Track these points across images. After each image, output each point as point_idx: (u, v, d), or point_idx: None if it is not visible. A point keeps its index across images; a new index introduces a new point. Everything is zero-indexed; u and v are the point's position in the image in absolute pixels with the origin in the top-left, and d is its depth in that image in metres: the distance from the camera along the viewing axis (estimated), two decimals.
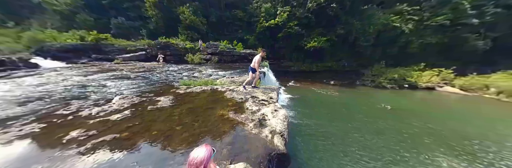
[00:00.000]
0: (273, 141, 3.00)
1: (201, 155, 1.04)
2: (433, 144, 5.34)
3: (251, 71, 4.54)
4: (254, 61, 4.56)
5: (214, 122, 3.28)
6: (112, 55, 13.07)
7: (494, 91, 12.20)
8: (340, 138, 5.47)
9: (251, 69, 4.64)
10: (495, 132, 6.42)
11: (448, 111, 8.87)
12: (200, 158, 1.03)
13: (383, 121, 6.90)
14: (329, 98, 10.23)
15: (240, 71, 9.91)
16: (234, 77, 7.83)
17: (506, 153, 5.02)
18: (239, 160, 2.30)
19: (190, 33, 18.27)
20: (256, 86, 5.10)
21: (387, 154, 4.64)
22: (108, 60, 12.16)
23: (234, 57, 15.02)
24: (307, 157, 4.43)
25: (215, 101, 4.39)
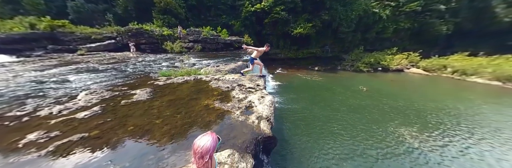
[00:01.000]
0: (259, 126, 2.96)
1: (207, 144, 0.95)
2: (397, 117, 6.06)
3: (250, 62, 4.32)
4: (255, 52, 4.31)
5: (198, 113, 3.05)
6: (74, 45, 10.82)
7: (450, 71, 13.74)
8: (322, 119, 5.85)
9: (251, 59, 4.42)
10: (446, 104, 7.55)
11: (411, 90, 9.92)
12: (206, 147, 0.94)
13: (359, 101, 7.50)
14: (313, 83, 10.59)
15: (226, 59, 9.24)
16: (219, 66, 7.29)
17: (452, 121, 6.04)
18: (226, 147, 2.22)
19: (167, 18, 15.67)
20: (244, 74, 4.83)
21: (361, 130, 5.15)
22: (70, 51, 10.09)
23: (219, 44, 13.80)
24: (293, 138, 4.70)
25: (199, 92, 4.04)
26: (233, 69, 7.27)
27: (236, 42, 15.22)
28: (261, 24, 18.36)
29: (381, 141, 4.58)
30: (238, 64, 8.09)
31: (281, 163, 3.71)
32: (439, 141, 4.76)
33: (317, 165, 3.74)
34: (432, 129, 5.31)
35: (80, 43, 10.99)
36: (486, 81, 11.85)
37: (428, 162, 3.92)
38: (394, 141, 4.65)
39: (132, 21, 13.04)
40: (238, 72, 7.54)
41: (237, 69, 7.49)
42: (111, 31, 12.21)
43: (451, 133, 5.21)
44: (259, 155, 2.60)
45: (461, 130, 5.40)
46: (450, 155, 4.19)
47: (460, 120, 6.08)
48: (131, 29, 11.79)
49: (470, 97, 8.69)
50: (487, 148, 4.54)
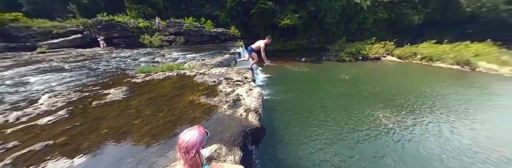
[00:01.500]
0: (247, 118, 2.88)
1: (193, 138, 0.88)
2: (374, 102, 6.56)
3: (248, 52, 3.90)
4: (256, 45, 4.11)
5: (182, 110, 2.83)
6: (31, 42, 9.13)
7: (419, 58, 15.00)
8: (309, 107, 6.05)
9: (250, 50, 4.10)
10: (414, 88, 8.38)
11: (386, 76, 10.72)
12: (192, 142, 0.87)
13: (342, 89, 7.92)
14: (301, 74, 10.74)
15: (212, 52, 8.66)
16: (205, 60, 6.81)
17: (418, 102, 6.78)
18: (213, 142, 2.12)
19: (142, 7, 13.68)
20: (236, 63, 4.55)
21: (343, 115, 5.48)
22: (28, 49, 8.53)
23: (204, 37, 12.79)
24: (282, 127, 4.79)
25: (183, 87, 3.74)
26: (220, 62, 6.87)
27: (222, 34, 14.26)
28: (248, 15, 17.18)
29: (361, 124, 4.92)
30: (225, 57, 7.66)
31: (271, 151, 3.82)
32: (408, 120, 5.28)
33: (305, 150, 3.90)
34: (402, 110, 5.89)
35: (39, 40, 9.30)
36: (448, 65, 13.26)
37: (400, 140, 4.33)
38: (371, 123, 5.02)
39: (100, 12, 11.18)
40: (226, 65, 7.18)
41: (225, 63, 7.11)
42: (77, 24, 10.43)
43: (417, 112, 5.81)
44: (248, 147, 2.57)
45: (426, 109, 6.06)
46: (418, 132, 4.67)
47: (425, 101, 6.81)
48: (100, 21, 10.17)
49: (434, 80, 9.68)
50: (445, 123, 5.15)
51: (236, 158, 1.96)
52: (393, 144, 4.10)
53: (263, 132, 3.38)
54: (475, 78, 10.43)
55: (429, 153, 3.89)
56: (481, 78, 10.31)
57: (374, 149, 3.94)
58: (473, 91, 8.09)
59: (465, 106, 6.40)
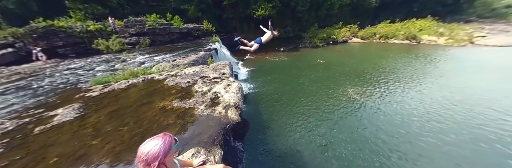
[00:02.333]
0: (227, 115, 2.71)
1: (155, 149, 0.76)
2: (345, 80, 7.12)
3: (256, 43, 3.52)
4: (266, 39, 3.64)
5: (152, 119, 2.49)
6: None
7: (378, 37, 16.64)
8: (291, 94, 6.17)
9: (259, 41, 3.62)
10: (375, 63, 9.25)
11: (353, 56, 11.60)
12: (153, 153, 0.75)
13: (318, 73, 8.23)
14: (281, 64, 10.78)
15: (185, 51, 7.81)
16: (176, 60, 6.11)
17: (379, 75, 7.48)
18: (191, 146, 1.93)
19: (90, 7, 10.99)
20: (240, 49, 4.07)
21: (321, 96, 5.82)
22: None
23: (173, 35, 11.37)
24: (268, 117, 4.78)
25: (151, 94, 3.29)
26: (195, 61, 6.26)
27: (195, 30, 12.87)
28: (220, 7, 15.48)
29: (336, 102, 5.31)
30: (200, 55, 6.99)
31: (258, 142, 3.82)
32: (373, 92, 5.85)
33: (291, 135, 4.01)
34: (368, 85, 6.47)
35: None
36: (400, 41, 15.09)
37: (369, 110, 4.80)
38: (345, 100, 5.45)
39: (35, 18, 8.79)
40: (202, 63, 6.60)
41: (200, 61, 6.51)
42: (4, 36, 8.11)
43: (379, 85, 6.47)
44: (231, 143, 2.45)
45: (386, 81, 6.82)
46: (382, 101, 5.24)
47: (384, 74, 7.64)
48: (36, 28, 7.98)
49: (390, 55, 10.90)
50: (401, 90, 5.91)
51: (216, 158, 1.84)
52: (364, 115, 4.57)
53: (247, 125, 3.30)
54: (420, 49, 11.99)
55: (393, 116, 4.45)
56: (424, 49, 11.87)
57: (350, 122, 4.31)
58: (419, 60, 9.24)
59: (414, 74, 7.45)
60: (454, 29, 14.47)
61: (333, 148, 3.51)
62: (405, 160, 3.13)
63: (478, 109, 4.44)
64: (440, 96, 5.25)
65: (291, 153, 3.46)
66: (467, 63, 8.37)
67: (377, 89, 5.95)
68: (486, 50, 10.74)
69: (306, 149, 3.55)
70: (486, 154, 3.22)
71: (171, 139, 0.83)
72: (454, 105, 4.63)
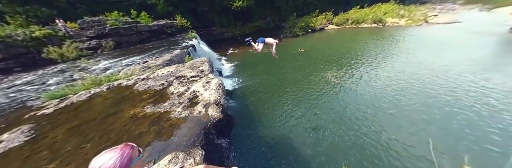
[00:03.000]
0: (207, 113, 2.53)
1: (109, 164, 0.61)
2: (324, 66, 7.42)
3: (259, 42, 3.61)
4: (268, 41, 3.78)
5: (122, 129, 2.20)
6: None
7: (350, 22, 17.30)
8: (277, 84, 6.17)
9: (262, 41, 3.69)
10: (348, 47, 9.81)
11: (330, 43, 12.01)
12: None
13: (300, 62, 8.40)
14: (264, 56, 10.55)
15: (158, 51, 6.99)
16: (147, 61, 5.45)
17: (353, 58, 7.89)
18: (167, 154, 1.76)
19: (32, 9, 8.77)
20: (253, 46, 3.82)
21: (304, 83, 6.02)
22: None
23: (143, 34, 10.02)
24: (255, 109, 4.77)
25: (119, 102, 2.89)
26: (170, 60, 5.66)
27: (168, 27, 11.49)
28: None
29: (319, 87, 5.57)
30: (175, 53, 6.33)
31: (247, 134, 3.82)
32: (349, 74, 6.28)
33: (279, 123, 4.10)
34: (344, 68, 6.91)
35: None
36: (369, 25, 16.12)
37: (347, 91, 5.17)
38: (324, 83, 5.79)
39: None
40: (178, 62, 6.02)
41: (176, 60, 5.91)
42: None
43: (353, 66, 6.95)
44: (214, 140, 2.33)
45: (358, 63, 7.32)
46: (357, 82, 5.62)
47: (357, 56, 8.11)
48: None
49: (361, 38, 11.68)
50: (372, 70, 6.42)
51: (197, 159, 1.72)
52: (343, 96, 4.95)
53: (231, 121, 3.20)
54: (386, 31, 12.99)
55: (366, 94, 4.90)
56: (389, 31, 12.95)
57: (332, 104, 4.62)
58: (385, 41, 10.13)
59: (381, 54, 8.22)
60: (412, 10, 15.95)
61: (319, 130, 3.71)
62: (381, 130, 3.49)
63: (431, 79, 5.14)
64: (402, 71, 5.92)
65: (280, 141, 3.54)
66: (422, 40, 9.51)
67: (351, 71, 6.46)
68: (437, 27, 12.24)
69: (294, 135, 3.67)
70: (442, 114, 3.80)
71: (131, 151, 0.72)
72: (414, 79, 5.26)
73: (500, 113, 3.54)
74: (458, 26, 11.63)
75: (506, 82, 4.48)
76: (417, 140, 3.13)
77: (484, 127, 3.33)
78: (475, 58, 6.15)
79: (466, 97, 4.11)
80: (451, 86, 4.65)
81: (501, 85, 4.38)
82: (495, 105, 3.78)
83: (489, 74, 4.98)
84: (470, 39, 8.73)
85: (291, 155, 3.17)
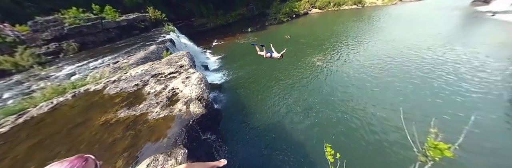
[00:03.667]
0: (189, 110, 2.29)
1: None
2: (310, 51, 7.39)
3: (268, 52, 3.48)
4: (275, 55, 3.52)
5: (92, 139, 1.94)
6: None
7: (332, 5, 17.03)
8: (266, 74, 6.04)
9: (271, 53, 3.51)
10: (331, 30, 9.89)
11: (314, 27, 11.78)
12: None
13: (287, 48, 8.66)
14: (249, 48, 10.10)
15: (131, 49, 6.16)
16: (119, 61, 4.80)
17: (336, 40, 8.16)
18: (144, 158, 1.58)
19: None
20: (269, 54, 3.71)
21: (292, 69, 6.04)
22: None
23: (111, 32, 8.65)
24: (246, 100, 4.67)
25: (88, 110, 2.53)
26: (144, 58, 5.03)
27: (139, 21, 10.01)
28: None
29: (305, 72, 5.60)
30: (150, 50, 5.61)
31: (237, 124, 3.81)
32: (332, 57, 6.34)
33: (270, 111, 4.12)
34: (328, 51, 6.97)
35: None
36: (350, 7, 16.61)
37: (332, 73, 5.29)
38: (311, 68, 5.81)
39: None
40: (154, 59, 5.39)
41: (152, 57, 5.26)
42: None
43: (336, 49, 7.01)
44: (200, 136, 2.17)
45: (341, 44, 7.55)
46: (340, 64, 5.76)
47: (340, 38, 8.39)
48: None
49: (343, 20, 11.86)
50: (353, 50, 6.60)
51: (179, 159, 1.57)
52: (328, 78, 5.09)
53: (218, 115, 3.02)
54: (365, 12, 13.89)
55: (349, 73, 5.10)
56: (367, 11, 13.90)
57: (318, 87, 4.74)
58: (364, 22, 10.69)
59: (361, 33, 8.35)
60: None
61: (308, 112, 3.83)
62: (361, 106, 3.74)
63: (404, 55, 5.39)
64: (379, 49, 6.12)
65: (271, 129, 3.55)
66: (397, 18, 10.13)
67: (335, 54, 6.54)
68: (410, 5, 13.42)
69: (285, 119, 3.72)
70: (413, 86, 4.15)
71: (84, 163, 0.65)
72: (390, 56, 5.58)
73: (461, 81, 3.86)
74: (427, 3, 12.71)
75: (466, 53, 4.96)
76: (391, 112, 3.42)
77: (447, 94, 3.63)
78: (441, 31, 6.75)
79: (433, 69, 4.47)
80: (422, 60, 4.97)
81: (462, 55, 4.88)
82: (457, 74, 4.12)
83: (452, 46, 5.48)
84: (437, 14, 9.36)
85: (283, 142, 3.21)
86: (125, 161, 1.63)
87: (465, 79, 3.92)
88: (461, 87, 3.74)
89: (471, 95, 3.49)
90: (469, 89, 3.64)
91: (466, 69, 4.25)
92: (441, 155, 0.54)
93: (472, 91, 3.58)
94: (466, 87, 3.70)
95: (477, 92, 3.47)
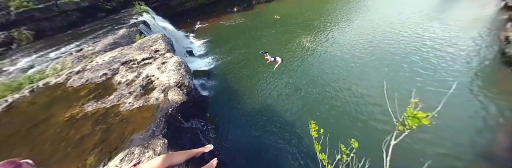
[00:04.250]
0: (167, 98, 1.97)
1: None
2: (299, 32, 7.02)
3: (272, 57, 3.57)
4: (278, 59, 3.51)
5: (57, 137, 1.66)
6: None
7: None
8: (256, 57, 5.65)
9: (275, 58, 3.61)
10: (320, 10, 9.24)
11: (303, 6, 10.63)
12: None
13: (276, 29, 7.81)
14: (238, 27, 9.28)
15: (98, 34, 5.19)
16: (83, 49, 4.03)
17: (324, 21, 7.57)
18: (118, 153, 1.38)
19: None
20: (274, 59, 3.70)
21: (282, 52, 5.82)
22: None
23: (70, 15, 7.07)
24: (234, 85, 4.54)
25: (50, 105, 2.15)
26: (113, 44, 4.22)
27: (104, 1, 8.22)
28: None
29: (295, 54, 5.46)
30: (120, 34, 4.69)
31: (227, 109, 3.78)
32: (321, 37, 6.18)
33: (259, 94, 4.06)
34: (316, 32, 6.74)
35: None
36: None
37: (320, 53, 5.24)
38: (300, 49, 5.66)
39: None
40: (127, 44, 4.59)
41: (122, 42, 4.43)
42: None
43: (324, 30, 6.77)
44: (183, 124, 1.96)
45: (329, 24, 7.24)
46: (327, 44, 5.63)
47: (328, 18, 7.87)
48: None
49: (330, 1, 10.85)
50: (340, 28, 6.56)
51: (158, 150, 1.38)
52: (316, 58, 5.04)
53: (204, 101, 2.75)
54: None
55: (336, 53, 5.11)
56: None
57: (307, 68, 4.69)
58: None
59: (349, 12, 8.15)
60: None
61: (297, 93, 3.88)
62: (347, 83, 3.86)
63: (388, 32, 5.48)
64: (365, 28, 6.06)
65: (262, 109, 3.55)
66: None
67: (323, 34, 6.40)
68: None
69: (276, 101, 3.72)
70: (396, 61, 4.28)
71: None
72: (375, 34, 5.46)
73: (440, 55, 4.05)
74: None
75: (443, 29, 5.05)
76: (373, 88, 3.49)
77: (427, 66, 3.80)
78: (422, 9, 6.80)
79: (414, 44, 4.60)
80: (405, 36, 5.10)
81: (439, 32, 4.94)
82: (436, 48, 4.29)
83: (431, 23, 5.51)
84: None
85: (274, 123, 3.23)
86: (96, 157, 1.41)
87: (441, 54, 4.16)
88: (441, 60, 3.99)
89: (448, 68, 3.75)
90: (442, 63, 3.91)
91: (442, 45, 4.49)
92: (419, 123, 0.56)
93: (445, 65, 3.85)
94: (445, 60, 3.97)
95: (450, 65, 3.77)
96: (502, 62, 3.53)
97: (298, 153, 2.69)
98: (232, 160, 2.59)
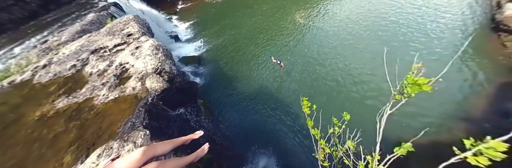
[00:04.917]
0: (145, 87, 1.63)
1: None
2: (293, 8, 6.22)
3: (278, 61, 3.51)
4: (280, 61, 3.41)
5: (29, 137, 1.43)
6: None
7: None
8: (249, 37, 5.21)
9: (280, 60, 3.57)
10: None
11: None
12: None
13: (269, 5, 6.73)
14: (226, 5, 7.76)
15: (66, 21, 4.44)
16: (48, 41, 3.43)
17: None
18: (95, 148, 1.18)
19: None
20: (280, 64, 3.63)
21: (275, 30, 5.25)
22: None
23: (29, 3, 5.76)
24: (227, 69, 4.23)
25: (18, 105, 1.85)
26: (81, 31, 3.57)
27: None
28: None
29: (288, 32, 5.07)
30: (88, 20, 3.94)
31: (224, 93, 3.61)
32: (314, 14, 5.66)
33: (254, 75, 3.81)
34: (309, 7, 6.08)
35: None
36: None
37: (313, 31, 4.84)
38: (294, 28, 5.22)
39: None
40: (92, 30, 3.89)
41: (92, 29, 3.74)
42: None
43: (317, 5, 6.01)
44: (169, 113, 1.69)
45: (326, 3, 6.04)
46: (321, 21, 5.15)
47: None
48: None
49: None
50: (334, 6, 5.82)
51: (139, 142, 1.16)
52: (310, 36, 4.71)
53: (192, 87, 2.37)
54: None
55: (329, 30, 4.72)
56: None
57: (301, 46, 4.42)
58: None
59: None
60: None
61: (292, 73, 3.68)
62: (342, 58, 3.69)
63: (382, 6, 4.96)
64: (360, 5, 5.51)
65: (257, 92, 3.42)
66: None
67: (318, 9, 5.90)
68: None
69: (271, 83, 3.53)
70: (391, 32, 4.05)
71: None
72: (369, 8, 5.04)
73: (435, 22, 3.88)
74: None
75: None
76: (368, 60, 3.36)
77: (425, 34, 3.64)
78: None
79: (408, 15, 4.35)
80: (398, 8, 4.79)
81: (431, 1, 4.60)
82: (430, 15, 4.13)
83: None
84: None
85: (269, 104, 3.12)
86: (73, 155, 1.22)
87: (436, 23, 3.96)
88: (434, 28, 3.84)
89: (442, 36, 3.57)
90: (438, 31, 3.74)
91: (438, 11, 4.30)
92: (419, 90, 0.49)
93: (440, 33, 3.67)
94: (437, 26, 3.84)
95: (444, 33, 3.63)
96: (491, 27, 3.44)
97: (293, 131, 2.67)
98: (228, 141, 2.53)
